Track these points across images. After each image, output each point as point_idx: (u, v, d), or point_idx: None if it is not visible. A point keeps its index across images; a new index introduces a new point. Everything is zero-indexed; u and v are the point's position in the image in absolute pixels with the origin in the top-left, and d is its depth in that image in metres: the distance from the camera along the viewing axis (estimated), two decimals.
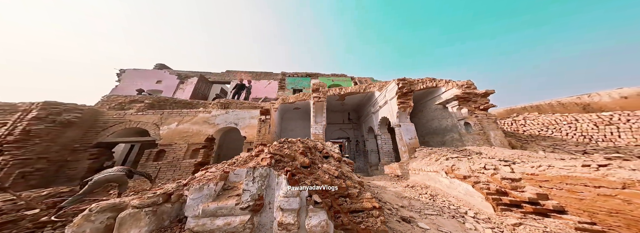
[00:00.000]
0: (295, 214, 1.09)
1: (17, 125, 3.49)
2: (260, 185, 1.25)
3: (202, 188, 1.23)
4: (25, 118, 3.61)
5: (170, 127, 5.11)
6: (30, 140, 3.43)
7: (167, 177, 4.47)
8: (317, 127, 4.49)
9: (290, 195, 1.13)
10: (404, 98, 3.99)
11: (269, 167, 1.37)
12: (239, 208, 1.14)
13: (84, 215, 1.05)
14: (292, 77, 12.23)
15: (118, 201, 1.20)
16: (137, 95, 6.31)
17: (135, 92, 8.80)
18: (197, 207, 1.16)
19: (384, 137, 5.74)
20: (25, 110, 3.72)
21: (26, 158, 3.30)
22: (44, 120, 3.65)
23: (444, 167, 2.06)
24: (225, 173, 1.43)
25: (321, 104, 4.39)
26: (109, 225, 1.04)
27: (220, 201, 1.20)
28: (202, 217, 1.11)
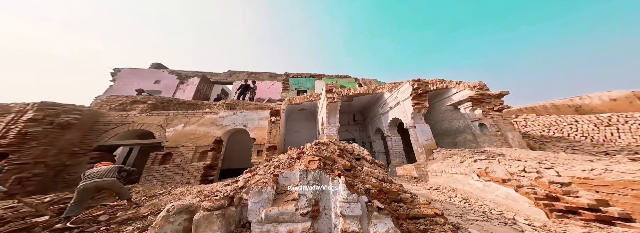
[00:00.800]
0: (358, 221, 1.03)
1: (11, 128, 3.21)
2: (316, 189, 1.18)
3: (261, 192, 1.15)
4: (19, 120, 3.32)
5: (176, 128, 4.89)
6: (26, 143, 3.16)
7: (175, 181, 4.26)
8: (330, 128, 4.43)
9: (351, 201, 1.06)
10: (419, 99, 4.02)
11: (320, 170, 1.31)
12: (299, 214, 1.07)
13: (164, 216, 1.02)
14: (296, 77, 12.16)
15: (190, 203, 1.12)
16: (138, 96, 6.02)
17: (132, 92, 8.40)
18: (259, 211, 1.09)
19: (394, 138, 5.76)
20: (19, 111, 3.43)
21: (23, 163, 3.03)
22: (41, 122, 3.38)
23: (474, 169, 2.05)
24: (275, 177, 1.36)
25: (335, 105, 4.35)
26: (186, 227, 1.01)
27: (278, 206, 1.13)
28: (265, 222, 1.05)
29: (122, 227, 2.25)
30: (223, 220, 1.03)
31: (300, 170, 1.28)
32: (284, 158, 1.77)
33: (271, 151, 4.92)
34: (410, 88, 4.17)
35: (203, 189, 3.61)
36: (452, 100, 4.95)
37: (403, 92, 4.60)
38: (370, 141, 8.32)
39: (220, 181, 4.55)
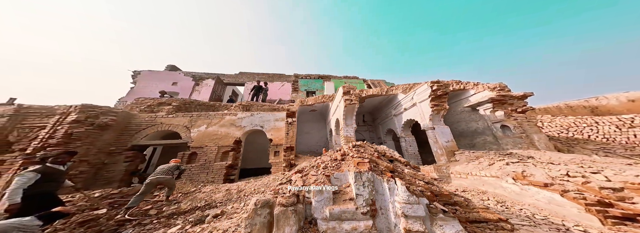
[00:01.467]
0: (421, 221, 1.09)
1: (57, 128, 3.48)
2: (371, 190, 1.25)
3: (321, 191, 1.26)
4: (64, 121, 3.60)
5: (200, 129, 5.12)
6: (71, 143, 3.43)
7: (201, 179, 4.47)
8: (348, 129, 4.52)
9: (413, 202, 1.12)
10: (438, 100, 4.04)
11: (372, 172, 1.39)
12: (360, 213, 1.16)
13: (253, 209, 1.15)
14: (305, 79, 12.31)
15: (269, 198, 1.23)
16: (164, 98, 6.33)
17: (152, 94, 8.79)
18: (323, 209, 1.20)
19: (408, 139, 5.78)
20: (63, 113, 3.72)
21: (71, 162, 3.28)
22: (83, 123, 3.65)
23: (508, 172, 2.08)
24: (327, 177, 1.46)
25: (353, 107, 4.43)
26: (269, 220, 1.13)
27: (338, 204, 1.23)
28: (330, 219, 1.15)
29: (170, 221, 2.44)
30: (297, 215, 1.15)
31: (354, 171, 1.37)
32: (327, 159, 1.87)
33: (289, 152, 5.06)
34: (428, 89, 4.20)
35: (230, 188, 3.78)
36: (470, 102, 4.92)
37: (420, 93, 4.62)
38: (381, 142, 8.32)
39: (242, 180, 4.73)
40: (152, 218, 2.46)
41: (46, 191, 1.92)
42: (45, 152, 3.18)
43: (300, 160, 5.11)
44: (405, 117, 5.65)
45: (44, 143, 3.27)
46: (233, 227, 1.84)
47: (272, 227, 1.13)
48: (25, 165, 3.05)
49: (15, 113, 3.61)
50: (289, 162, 4.83)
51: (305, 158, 5.36)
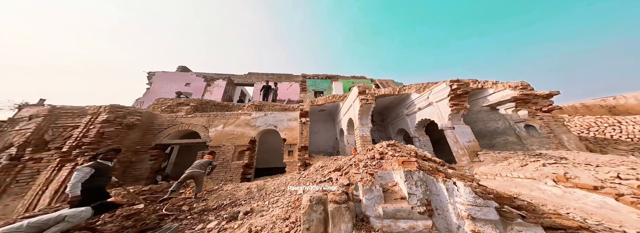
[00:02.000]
0: (493, 226, 1.04)
1: (89, 128, 3.65)
2: (424, 189, 1.26)
3: (371, 189, 1.28)
4: (95, 120, 3.77)
5: (217, 129, 5.24)
6: (103, 141, 3.59)
7: (220, 178, 4.58)
8: (363, 129, 4.51)
9: (481, 205, 1.08)
10: (458, 99, 3.98)
11: (422, 172, 1.39)
12: (417, 212, 1.16)
13: (309, 205, 1.18)
14: (312, 79, 12.36)
15: (320, 195, 1.27)
16: (183, 98, 6.51)
17: (167, 94, 9.06)
18: (375, 207, 1.21)
19: (422, 139, 5.71)
20: (94, 113, 3.89)
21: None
22: (112, 122, 3.81)
23: (547, 173, 2.02)
24: (371, 175, 1.48)
25: (368, 106, 4.42)
26: (325, 217, 1.16)
27: (389, 203, 1.24)
28: (384, 218, 1.16)
29: (203, 217, 2.54)
30: (350, 212, 1.18)
31: (404, 170, 1.37)
32: (364, 158, 1.88)
33: (303, 151, 5.11)
34: (447, 88, 4.14)
35: (250, 186, 3.85)
36: (489, 101, 4.82)
37: (437, 92, 4.57)
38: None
39: (258, 179, 4.81)
40: (185, 214, 2.57)
41: (98, 185, 2.11)
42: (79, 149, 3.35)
43: (315, 159, 5.15)
44: (419, 116, 5.59)
45: (79, 142, 3.44)
46: (269, 224, 1.89)
47: (327, 223, 1.16)
48: (62, 163, 3.23)
49: (49, 113, 3.81)
50: (304, 161, 4.88)
51: (319, 157, 5.40)
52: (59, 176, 3.02)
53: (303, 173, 4.34)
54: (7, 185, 2.94)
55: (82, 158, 3.21)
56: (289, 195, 3.09)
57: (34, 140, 3.40)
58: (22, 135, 3.60)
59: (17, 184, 2.99)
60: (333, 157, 5.14)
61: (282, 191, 3.46)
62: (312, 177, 3.81)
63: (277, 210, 2.24)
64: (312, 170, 4.41)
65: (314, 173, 4.05)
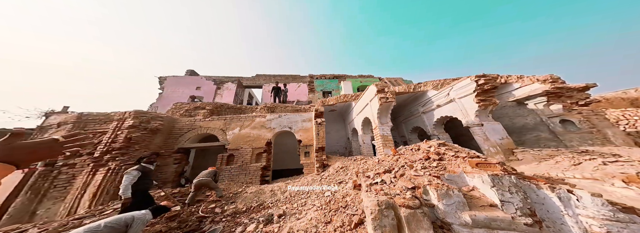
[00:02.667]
0: None
1: (117, 133, 3.74)
2: (522, 197, 1.11)
3: (449, 194, 1.18)
4: (122, 126, 3.86)
5: (234, 132, 5.27)
6: (131, 146, 3.66)
7: (241, 181, 4.59)
8: (384, 128, 4.40)
9: (625, 220, 0.89)
10: (485, 95, 3.81)
11: (513, 176, 1.21)
12: (522, 223, 1.01)
13: (379, 209, 1.11)
14: (320, 79, 12.31)
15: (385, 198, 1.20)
16: (199, 102, 6.61)
17: (180, 99, 9.25)
18: (457, 214, 1.12)
19: (442, 137, 5.53)
20: (120, 119, 3.98)
21: (132, 163, 3.51)
22: (138, 127, 3.89)
23: (612, 173, 1.86)
24: (437, 178, 1.39)
25: (388, 105, 4.31)
26: (397, 222, 1.09)
27: (476, 210, 1.12)
28: (474, 227, 1.06)
29: (237, 219, 2.53)
30: (428, 219, 1.09)
31: (489, 174, 1.22)
32: (416, 159, 1.79)
33: (320, 152, 5.05)
34: (472, 84, 3.98)
35: (273, 188, 3.84)
36: (514, 96, 4.60)
37: (460, 89, 4.40)
38: (405, 141, 8.10)
39: (277, 181, 4.79)
40: (219, 216, 2.58)
41: (144, 188, 2.22)
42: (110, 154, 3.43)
43: (331, 160, 5.08)
44: (437, 114, 5.42)
45: (109, 147, 3.53)
46: (311, 228, 1.84)
47: (401, 229, 1.09)
48: (96, 168, 3.32)
49: (78, 120, 3.93)
50: (322, 162, 4.82)
51: (335, 158, 5.33)
52: (94, 180, 3.11)
53: (323, 174, 4.29)
54: (46, 190, 3.05)
55: (114, 163, 3.30)
56: (315, 197, 3.05)
57: None
58: None
59: (55, 189, 3.09)
60: (351, 158, 5.06)
61: (307, 193, 3.41)
62: (335, 178, 3.75)
63: (313, 213, 2.19)
64: (331, 171, 4.35)
65: (335, 174, 3.99)
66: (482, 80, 3.80)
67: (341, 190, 2.71)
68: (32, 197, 2.92)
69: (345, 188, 2.78)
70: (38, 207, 2.90)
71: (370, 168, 2.48)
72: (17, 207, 2.79)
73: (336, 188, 3.03)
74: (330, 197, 2.69)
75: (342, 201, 2.07)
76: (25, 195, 2.90)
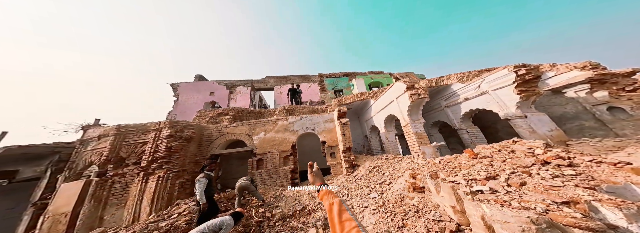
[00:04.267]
0: None
1: (157, 143, 3.86)
2: None
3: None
4: (160, 136, 3.98)
5: (259, 136, 5.34)
6: (172, 155, 3.79)
7: (272, 184, 4.67)
8: (416, 125, 4.31)
9: None
10: (526, 85, 3.64)
11: None
12: None
13: (538, 228, 0.94)
14: (330, 78, 12.22)
15: (535, 216, 1.02)
16: (219, 108, 6.71)
17: (196, 105, 9.45)
18: None
19: (471, 131, 5.39)
20: (156, 129, 4.10)
21: (176, 171, 3.64)
22: (175, 137, 4.00)
23: None
24: (591, 189, 1.13)
25: (420, 101, 4.21)
26: None
27: None
28: None
29: (288, 224, 2.58)
30: None
31: None
32: (528, 162, 1.55)
33: (347, 153, 5.05)
34: (510, 75, 3.82)
35: (309, 192, 3.88)
36: (548, 85, 4.39)
37: (494, 80, 4.24)
38: (429, 135, 7.98)
39: (306, 182, 4.85)
40: (272, 220, 2.65)
41: (210, 194, 2.43)
42: (155, 163, 3.56)
43: (360, 159, 5.07)
44: (465, 107, 5.27)
45: (152, 157, 3.66)
46: None
47: None
48: (146, 176, 3.47)
49: (118, 132, 4.08)
50: (351, 162, 4.82)
51: (363, 157, 5.31)
52: (148, 188, 3.26)
53: (356, 175, 4.29)
54: (106, 198, 3.24)
55: (161, 171, 3.43)
56: (358, 199, 3.05)
57: (113, 157, 3.66)
58: (98, 154, 3.90)
59: (114, 196, 3.29)
60: (380, 157, 5.03)
61: (347, 195, 3.43)
62: (371, 178, 3.74)
63: (372, 216, 2.19)
64: (363, 171, 4.34)
65: (369, 175, 3.98)
66: (523, 70, 3.63)
67: (390, 192, 2.69)
68: (96, 204, 3.13)
69: (392, 190, 2.76)
70: (104, 213, 3.10)
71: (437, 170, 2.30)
72: (86, 214, 3.01)
73: (378, 191, 3.02)
74: (379, 199, 2.68)
75: (405, 204, 2.05)
76: (89, 203, 3.10)
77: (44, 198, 3.93)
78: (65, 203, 3.14)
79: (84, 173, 4.05)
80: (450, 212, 1.39)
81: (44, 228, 3.00)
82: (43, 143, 4.49)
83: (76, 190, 3.10)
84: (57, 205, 3.18)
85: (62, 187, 3.41)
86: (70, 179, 3.74)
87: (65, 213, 3.05)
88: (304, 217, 2.85)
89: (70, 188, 3.16)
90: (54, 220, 3.04)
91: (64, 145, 4.76)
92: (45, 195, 4.01)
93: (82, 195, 3.09)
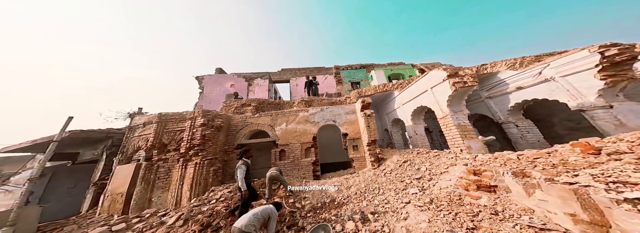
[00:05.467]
0: None
1: (193, 131, 4.09)
2: None
3: None
4: (195, 124, 4.20)
5: (281, 127, 5.36)
6: (206, 143, 4.01)
7: (295, 176, 4.73)
8: (458, 116, 3.79)
9: None
10: (615, 69, 2.86)
11: None
12: None
13: None
14: (346, 70, 11.65)
15: None
16: (242, 99, 6.91)
17: (219, 97, 9.94)
18: None
19: (522, 124, 4.63)
20: (191, 118, 4.33)
21: (210, 158, 3.87)
22: (207, 125, 4.19)
23: None
24: None
25: (465, 90, 3.66)
26: None
27: None
28: None
29: (319, 215, 2.54)
30: None
31: None
32: None
33: (372, 146, 4.81)
34: (592, 57, 3.02)
35: (335, 184, 3.81)
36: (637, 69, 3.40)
37: (565, 65, 3.43)
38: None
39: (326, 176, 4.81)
40: (303, 211, 2.64)
41: (249, 181, 2.49)
42: (193, 150, 3.81)
43: (386, 153, 4.80)
44: (516, 97, 4.48)
45: (190, 144, 3.92)
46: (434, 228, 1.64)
47: None
48: (185, 162, 3.77)
49: (160, 119, 4.42)
50: (376, 156, 4.59)
51: (390, 151, 5.02)
52: (187, 173, 3.55)
53: (384, 169, 4.07)
54: (153, 181, 3.62)
55: (197, 158, 3.68)
56: (394, 194, 2.86)
57: (157, 143, 4.02)
58: (145, 140, 4.32)
59: (159, 180, 3.66)
60: (408, 151, 4.68)
61: (377, 189, 3.26)
62: (405, 173, 3.48)
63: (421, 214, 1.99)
64: (391, 165, 4.09)
65: (401, 169, 3.72)
66: (612, 50, 2.82)
67: (436, 189, 2.44)
68: (145, 186, 3.52)
69: (439, 186, 2.50)
70: (152, 195, 3.48)
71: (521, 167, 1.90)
72: (138, 195, 3.40)
73: (417, 187, 2.78)
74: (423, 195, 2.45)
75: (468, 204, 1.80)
76: (140, 184, 3.50)
77: (103, 179, 4.44)
78: (121, 184, 3.60)
79: (133, 157, 4.58)
80: (566, 221, 1.11)
81: (104, 206, 3.49)
82: (99, 128, 5.14)
83: (129, 172, 3.52)
84: (115, 185, 3.66)
85: (117, 169, 3.91)
86: (123, 162, 4.27)
87: (121, 193, 3.50)
88: (335, 209, 2.79)
89: (124, 171, 3.61)
90: (112, 199, 3.51)
91: (115, 131, 5.40)
92: (103, 176, 4.56)
93: (134, 178, 3.49)
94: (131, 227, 2.56)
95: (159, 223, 2.47)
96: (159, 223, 2.47)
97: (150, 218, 2.74)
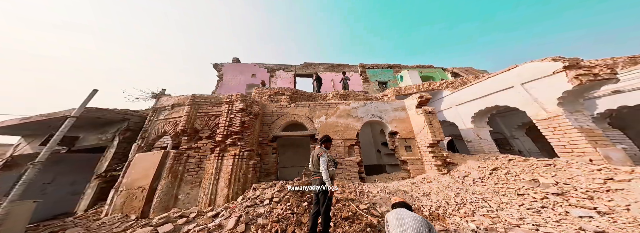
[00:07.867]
0: None
1: (231, 117, 3.43)
2: None
3: None
4: (233, 109, 3.54)
5: (320, 120, 4.66)
6: (245, 131, 3.33)
7: (339, 176, 3.97)
8: (578, 117, 2.92)
9: None
10: None
11: None
12: None
13: None
14: (373, 69, 11.02)
15: None
16: (277, 88, 6.28)
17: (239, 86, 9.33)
18: None
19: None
20: (229, 102, 3.69)
21: (249, 150, 3.18)
22: (246, 111, 3.53)
23: None
24: None
25: (589, 85, 2.75)
26: None
27: None
28: None
29: None
30: None
31: None
32: None
33: (435, 148, 4.03)
34: None
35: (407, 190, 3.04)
36: None
37: None
38: (506, 137, 6.41)
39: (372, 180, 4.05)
40: None
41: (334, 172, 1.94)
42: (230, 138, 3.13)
43: (456, 158, 3.97)
44: (621, 100, 3.64)
45: (227, 131, 3.25)
46: None
47: None
48: (222, 152, 3.09)
49: (193, 101, 3.78)
50: (444, 160, 3.79)
51: (460, 156, 4.18)
52: (225, 166, 2.86)
53: (467, 176, 3.27)
54: (181, 174, 2.93)
55: (236, 148, 2.99)
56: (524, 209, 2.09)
57: (188, 128, 3.35)
58: (173, 124, 3.67)
59: (188, 173, 2.96)
60: (491, 155, 3.84)
61: (478, 200, 2.49)
62: (510, 183, 2.66)
63: None
64: (474, 172, 3.29)
65: (495, 178, 2.89)
66: None
67: None
68: (172, 180, 2.82)
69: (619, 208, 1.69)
70: (179, 192, 2.78)
71: None
72: (163, 190, 2.70)
73: (584, 207, 1.99)
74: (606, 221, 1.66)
75: None
76: (166, 178, 2.80)
77: (112, 170, 3.61)
78: (142, 175, 2.81)
79: (156, 144, 3.90)
80: None
81: (116, 203, 2.67)
82: (115, 108, 4.47)
83: (152, 162, 2.76)
84: (133, 177, 2.87)
85: (136, 158, 3.18)
86: (143, 150, 3.55)
87: (142, 188, 2.70)
88: (434, 221, 2.06)
89: (145, 160, 2.84)
90: (128, 195, 2.70)
91: (131, 112, 4.75)
92: (113, 166, 3.73)
93: (159, 168, 2.74)
94: (179, 229, 1.87)
95: (216, 225, 1.79)
96: (217, 225, 1.79)
97: (198, 219, 2.05)
